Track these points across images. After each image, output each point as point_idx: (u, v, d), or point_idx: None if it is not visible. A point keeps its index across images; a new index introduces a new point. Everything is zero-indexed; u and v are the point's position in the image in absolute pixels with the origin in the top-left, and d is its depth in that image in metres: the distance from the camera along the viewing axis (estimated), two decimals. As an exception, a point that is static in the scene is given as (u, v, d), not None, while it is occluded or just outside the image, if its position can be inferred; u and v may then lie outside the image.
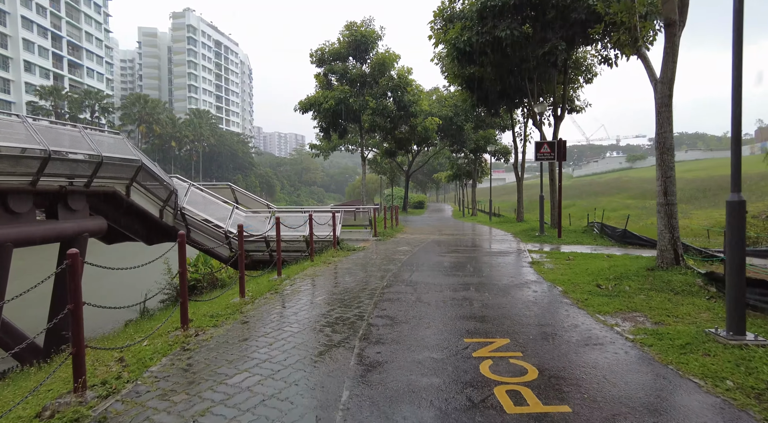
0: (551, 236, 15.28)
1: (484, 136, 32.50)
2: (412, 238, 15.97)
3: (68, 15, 74.32)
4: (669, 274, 7.25)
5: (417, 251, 12.09)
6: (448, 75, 17.98)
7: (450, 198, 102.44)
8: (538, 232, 16.13)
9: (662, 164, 7.63)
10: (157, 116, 69.56)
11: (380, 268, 9.25)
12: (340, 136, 28.48)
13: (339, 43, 26.73)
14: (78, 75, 76.25)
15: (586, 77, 20.52)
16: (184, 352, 4.50)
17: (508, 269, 9.32)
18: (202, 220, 13.34)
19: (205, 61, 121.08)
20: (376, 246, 13.68)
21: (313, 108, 25.76)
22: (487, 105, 18.76)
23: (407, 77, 26.25)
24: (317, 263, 10.05)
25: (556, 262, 10.16)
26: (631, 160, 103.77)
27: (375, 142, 36.35)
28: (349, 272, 8.94)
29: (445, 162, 53.21)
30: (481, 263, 10.05)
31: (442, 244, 14.15)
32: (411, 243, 14.37)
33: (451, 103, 33.48)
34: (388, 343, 4.58)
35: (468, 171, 38.54)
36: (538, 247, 13.27)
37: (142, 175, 11.79)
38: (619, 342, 4.56)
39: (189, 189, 13.52)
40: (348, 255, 11.42)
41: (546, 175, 17.34)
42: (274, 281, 8.14)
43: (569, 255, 11.08)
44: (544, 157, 14.85)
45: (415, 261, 10.29)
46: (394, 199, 53.98)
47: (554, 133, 17.05)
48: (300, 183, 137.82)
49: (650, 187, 40.43)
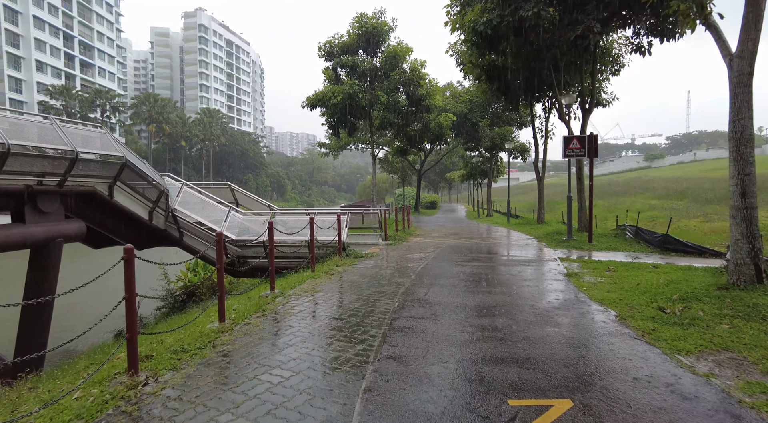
0: (581, 241, 13.79)
1: (500, 133, 30.92)
2: (426, 243, 14.62)
3: (80, 15, 74.35)
4: (753, 295, 5.79)
5: (432, 259, 10.73)
6: (465, 65, 16.57)
7: (463, 198, 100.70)
8: (565, 237, 14.64)
9: (739, 158, 6.17)
10: (167, 115, 69.10)
11: (390, 282, 7.92)
12: (350, 134, 27.19)
13: (348, 35, 25.45)
14: (90, 74, 76.29)
15: (613, 68, 18.94)
16: (119, 415, 3.23)
17: (541, 284, 7.92)
18: (195, 223, 12.16)
19: (216, 60, 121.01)
20: (386, 252, 12.36)
21: (321, 104, 24.51)
22: (507, 97, 17.27)
23: (420, 70, 24.84)
24: (318, 274, 8.75)
25: (596, 273, 8.73)
26: (649, 159, 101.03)
27: (386, 140, 35.00)
28: (353, 287, 7.61)
29: (458, 161, 51.70)
30: (508, 276, 8.66)
31: (459, 250, 12.78)
32: (425, 249, 13.02)
33: (466, 98, 32.03)
34: (400, 408, 3.25)
35: (483, 170, 36.98)
36: (567, 253, 11.82)
37: (127, 174, 10.64)
38: (733, 409, 3.17)
39: (182, 189, 12.35)
40: (354, 263, 10.11)
41: (558, 172, 15.84)
42: (265, 298, 6.87)
43: (608, 264, 9.63)
44: (573, 153, 13.37)
45: (431, 272, 8.94)
46: (406, 199, 52.62)
47: (582, 127, 15.53)
48: (311, 183, 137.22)
49: (676, 187, 38.44)
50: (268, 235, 7.36)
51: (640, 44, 16.04)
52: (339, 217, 10.60)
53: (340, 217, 10.59)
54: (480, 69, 15.84)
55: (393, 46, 24.88)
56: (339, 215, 10.62)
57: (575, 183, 16.06)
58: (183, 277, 15.52)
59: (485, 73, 15.93)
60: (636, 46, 16.23)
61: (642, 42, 15.97)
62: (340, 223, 10.57)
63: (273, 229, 7.43)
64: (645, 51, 15.96)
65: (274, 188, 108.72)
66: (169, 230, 12.41)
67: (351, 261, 10.36)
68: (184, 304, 14.48)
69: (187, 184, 12.68)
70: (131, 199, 11.01)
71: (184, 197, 12.37)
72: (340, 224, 10.56)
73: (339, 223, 10.56)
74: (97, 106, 64.85)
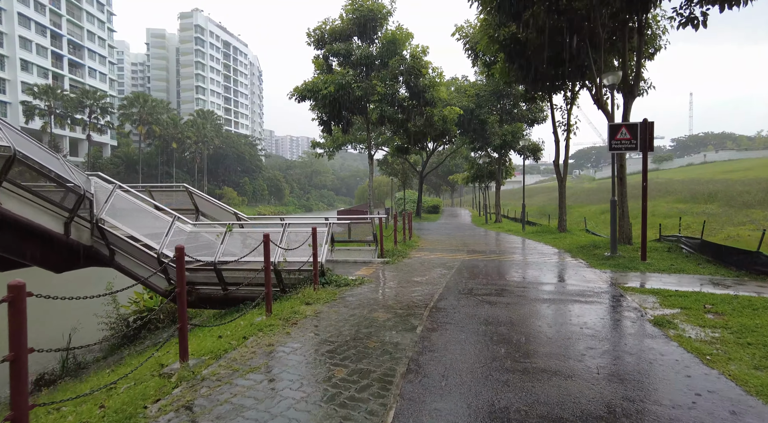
0: (630, 258, 10.79)
1: (511, 131, 27.98)
2: (432, 260, 11.62)
3: (69, 13, 71.75)
4: None
5: (444, 290, 7.74)
6: (478, 43, 13.63)
7: (466, 201, 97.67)
8: (607, 252, 11.63)
9: None
10: (158, 116, 66.17)
11: (382, 344, 4.90)
12: (344, 131, 24.22)
13: (342, 20, 22.57)
14: (79, 75, 73.57)
15: (648, 52, 16.02)
16: None
17: (625, 345, 4.90)
18: (128, 238, 9.19)
19: (213, 61, 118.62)
20: (381, 276, 9.37)
21: (310, 95, 21.59)
22: (528, 80, 14.26)
23: (422, 58, 21.92)
24: (273, 323, 5.74)
25: (694, 317, 5.76)
26: (657, 161, 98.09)
27: (385, 138, 32.05)
28: (317, 359, 4.53)
29: (461, 163, 48.74)
30: (565, 328, 5.66)
31: (477, 272, 9.78)
32: (431, 270, 10.03)
33: (472, 93, 29.11)
34: None
35: (491, 171, 34.01)
36: (623, 277, 8.83)
37: (20, 172, 7.71)
38: None
39: (112, 193, 9.38)
40: (334, 298, 7.12)
41: (578, 171, 12.85)
42: (161, 380, 3.90)
43: (700, 300, 6.63)
44: (621, 145, 10.39)
45: (444, 320, 5.94)
46: (407, 203, 49.65)
47: (624, 115, 12.54)
48: (310, 186, 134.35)
49: (701, 190, 35.45)
50: (177, 256, 4.40)
51: (692, 15, 13.13)
52: (314, 231, 7.61)
53: (315, 232, 7.60)
54: (498, 44, 12.88)
55: (391, 30, 21.97)
56: (314, 229, 7.62)
57: (616, 184, 13.02)
58: (138, 300, 12.73)
59: (504, 49, 12.97)
60: (687, 17, 13.28)
61: (695, 12, 13.08)
62: (315, 240, 7.58)
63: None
64: (698, 23, 13.05)
65: (271, 192, 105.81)
66: (96, 247, 9.46)
67: (330, 294, 7.36)
68: (138, 331, 11.81)
69: (122, 186, 9.72)
70: (33, 207, 8.06)
71: (116, 204, 9.41)
72: (316, 242, 7.57)
73: (314, 240, 7.57)
74: (85, 107, 62.02)
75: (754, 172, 43.57)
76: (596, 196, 46.72)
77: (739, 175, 42.25)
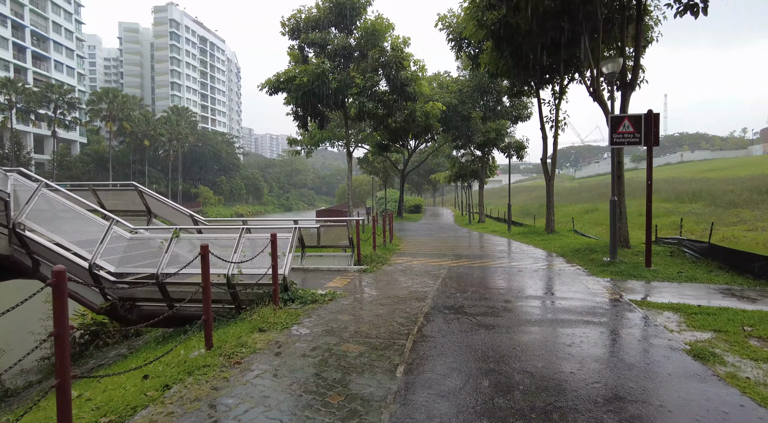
0: (632, 264, 9.76)
1: (495, 128, 27.02)
2: (416, 268, 10.41)
3: (32, 3, 68.07)
4: None
5: (428, 312, 6.50)
6: (467, 28, 12.45)
7: (448, 201, 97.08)
8: (606, 256, 10.60)
9: None
10: (128, 112, 63.24)
11: (348, 400, 3.63)
12: (320, 126, 22.82)
13: (318, 9, 21.21)
14: (44, 68, 69.91)
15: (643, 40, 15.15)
16: None
17: (671, 397, 3.75)
18: (55, 246, 7.69)
19: (189, 57, 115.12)
20: (356, 289, 8.10)
21: (284, 87, 20.15)
22: (519, 67, 13.11)
23: (403, 50, 20.72)
24: (210, 361, 4.39)
25: (735, 343, 4.67)
26: (636, 160, 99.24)
27: (365, 135, 30.74)
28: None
29: (443, 161, 47.76)
30: (586, 366, 4.50)
31: (465, 282, 8.60)
32: (415, 280, 8.81)
33: (455, 88, 28.04)
34: None
35: (474, 170, 33.08)
36: (630, 288, 7.77)
37: None
38: None
39: (36, 193, 7.86)
40: (294, 323, 5.82)
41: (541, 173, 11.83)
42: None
43: (737, 318, 5.57)
44: (624, 139, 9.36)
45: (432, 353, 4.70)
46: (388, 203, 48.46)
47: (622, 107, 11.56)
48: (290, 185, 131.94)
49: (684, 189, 35.24)
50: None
51: (692, 2, 12.23)
52: (274, 238, 6.28)
53: (275, 240, 6.28)
54: (486, 30, 11.72)
55: (371, 20, 20.70)
56: (274, 236, 6.30)
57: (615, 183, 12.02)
58: (85, 313, 11.27)
59: (492, 36, 11.83)
60: (686, 4, 12.38)
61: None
62: (275, 250, 6.27)
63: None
64: (698, 10, 12.16)
65: (249, 191, 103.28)
66: (17, 257, 7.94)
67: (291, 316, 6.05)
68: (86, 347, 10.37)
69: (49, 184, 8.18)
70: (-75, 210, 6.54)
71: (41, 206, 7.90)
72: (276, 251, 6.25)
73: (274, 250, 6.25)
74: (50, 102, 58.83)
75: (732, 171, 43.80)
76: (578, 195, 46.30)
77: (717, 174, 42.34)
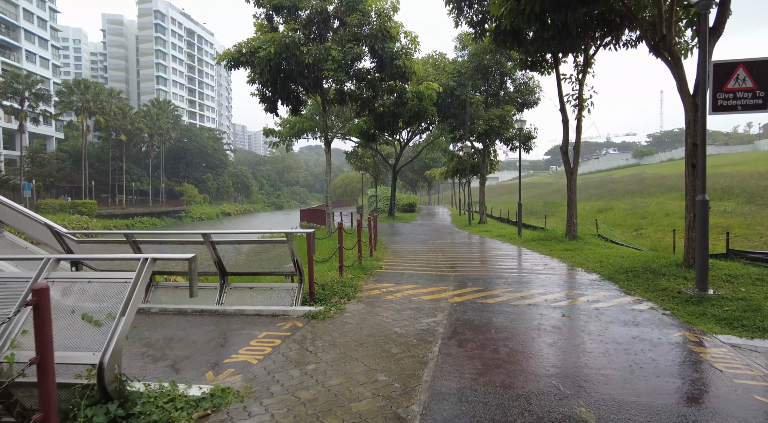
0: (739, 301, 6.18)
1: (499, 115, 23.42)
2: (397, 307, 6.75)
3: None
4: None
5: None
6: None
7: (445, 198, 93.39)
8: (685, 285, 7.00)
9: None
10: (102, 105, 59.13)
11: None
12: (294, 111, 19.15)
13: (289, -32, 17.48)
14: (14, 58, 65.56)
15: None
16: None
17: None
18: None
19: (175, 50, 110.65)
20: (275, 377, 4.43)
21: (246, 61, 16.46)
22: (552, 21, 9.34)
23: (391, 18, 17.10)
24: None
25: None
26: (638, 156, 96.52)
27: (351, 125, 27.02)
28: None
29: (439, 157, 44.17)
30: None
31: (484, 352, 4.99)
32: (389, 346, 5.18)
33: (452, 69, 24.32)
34: None
35: (474, 164, 29.48)
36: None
37: None
38: None
39: None
40: None
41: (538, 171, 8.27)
42: None
43: None
44: (737, 101, 5.78)
45: None
46: (379, 201, 44.79)
47: (702, 64, 7.97)
48: (281, 183, 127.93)
49: (711, 185, 31.81)
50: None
51: None
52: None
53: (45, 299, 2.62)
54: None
55: (352, -21, 17.03)
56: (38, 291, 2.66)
57: (691, 175, 8.44)
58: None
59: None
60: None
61: None
62: (44, 314, 2.59)
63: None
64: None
65: (237, 189, 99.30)
66: None
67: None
68: None
69: None
70: None
71: None
72: (47, 319, 2.58)
73: (41, 317, 2.57)
74: (17, 94, 54.59)
75: (746, 167, 40.60)
76: (585, 192, 42.73)
77: (730, 169, 39.19)
